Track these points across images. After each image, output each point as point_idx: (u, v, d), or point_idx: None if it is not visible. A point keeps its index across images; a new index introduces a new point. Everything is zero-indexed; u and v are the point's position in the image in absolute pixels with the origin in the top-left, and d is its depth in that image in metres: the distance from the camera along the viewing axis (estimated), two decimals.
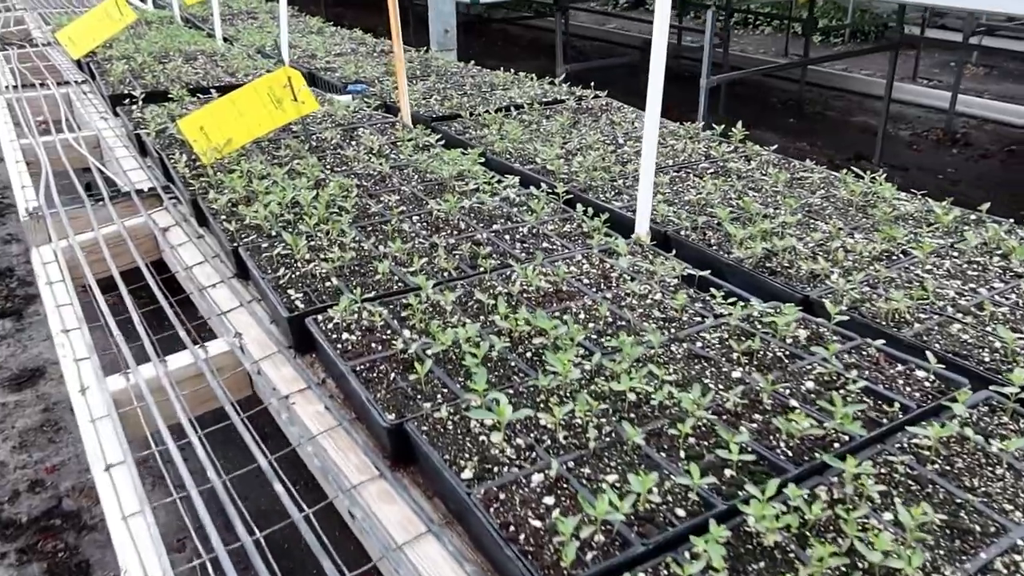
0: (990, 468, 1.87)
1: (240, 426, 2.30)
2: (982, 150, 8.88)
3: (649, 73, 2.81)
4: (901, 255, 2.94)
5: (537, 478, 1.79)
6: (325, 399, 2.38)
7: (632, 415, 2.02)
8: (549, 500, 1.73)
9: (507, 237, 3.11)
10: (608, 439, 1.93)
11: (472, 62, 6.33)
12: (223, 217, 3.25)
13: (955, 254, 2.96)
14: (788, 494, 1.68)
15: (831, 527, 1.68)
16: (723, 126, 4.53)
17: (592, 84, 5.46)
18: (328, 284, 2.71)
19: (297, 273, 2.77)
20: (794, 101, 10.66)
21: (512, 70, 5.91)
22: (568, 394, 2.10)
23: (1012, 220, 3.25)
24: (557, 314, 2.52)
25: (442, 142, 4.22)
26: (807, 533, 1.67)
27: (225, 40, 7.10)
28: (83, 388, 2.51)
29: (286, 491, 2.01)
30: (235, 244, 3.01)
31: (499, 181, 3.64)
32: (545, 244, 3.07)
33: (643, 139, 2.92)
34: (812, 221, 3.25)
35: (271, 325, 2.79)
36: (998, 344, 2.33)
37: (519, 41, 15.16)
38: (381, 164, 3.81)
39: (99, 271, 3.33)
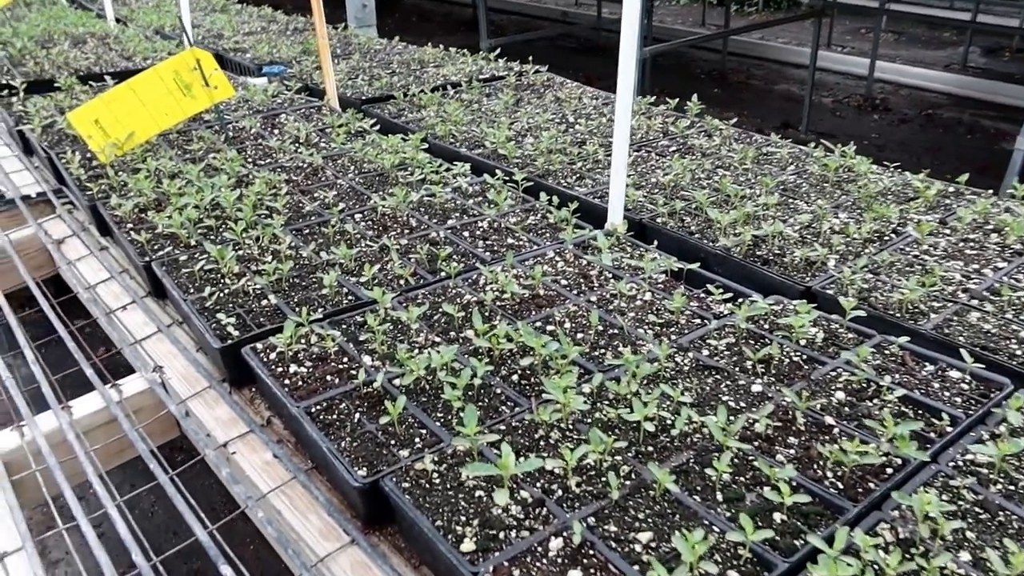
0: None
1: (170, 488, 1.88)
2: (901, 115, 8.96)
3: (620, 54, 2.49)
4: (893, 235, 2.73)
5: (555, 544, 1.47)
6: (273, 445, 1.98)
7: (650, 448, 1.72)
8: (575, 575, 1.41)
9: (466, 234, 2.75)
10: (630, 482, 1.61)
11: (396, 38, 5.87)
12: (129, 226, 2.76)
13: (947, 231, 2.77)
14: (858, 543, 1.41)
15: None
16: (654, 97, 4.28)
17: (509, 59, 5.13)
18: (265, 303, 2.29)
19: (226, 291, 2.34)
20: (717, 71, 10.57)
21: (440, 46, 5.49)
22: (572, 427, 1.78)
23: (992, 191, 3.10)
24: (539, 324, 2.19)
25: (376, 127, 3.79)
26: None
27: (118, 21, 6.40)
28: None
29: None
30: (147, 258, 2.55)
31: (448, 169, 3.26)
32: (510, 240, 2.72)
33: (615, 122, 2.60)
34: (792, 201, 3.01)
35: (198, 354, 2.35)
36: None
37: (433, 16, 14.61)
38: (311, 155, 3.36)
39: None
